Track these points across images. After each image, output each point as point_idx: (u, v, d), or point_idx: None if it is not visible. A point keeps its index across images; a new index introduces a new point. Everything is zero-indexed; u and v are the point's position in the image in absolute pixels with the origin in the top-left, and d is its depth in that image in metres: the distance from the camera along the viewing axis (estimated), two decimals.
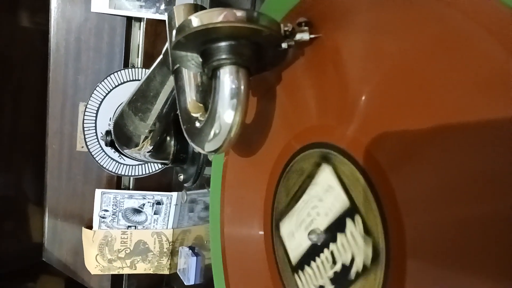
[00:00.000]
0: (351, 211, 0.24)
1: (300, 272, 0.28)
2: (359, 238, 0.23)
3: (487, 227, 0.16)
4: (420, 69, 0.20)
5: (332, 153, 0.27)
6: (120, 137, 0.53)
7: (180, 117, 0.33)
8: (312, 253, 0.27)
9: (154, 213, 0.82)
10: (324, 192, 0.27)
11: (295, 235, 0.29)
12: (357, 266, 0.23)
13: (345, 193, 0.25)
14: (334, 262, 0.25)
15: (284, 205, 0.31)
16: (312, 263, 0.27)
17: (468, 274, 0.17)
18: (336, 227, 0.25)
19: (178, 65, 0.32)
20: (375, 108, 0.23)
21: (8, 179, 0.78)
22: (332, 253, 0.25)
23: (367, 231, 0.23)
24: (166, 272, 0.85)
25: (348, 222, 0.24)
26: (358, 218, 0.23)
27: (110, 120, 0.76)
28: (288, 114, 0.32)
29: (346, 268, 0.24)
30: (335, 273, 0.25)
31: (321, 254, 0.26)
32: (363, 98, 0.24)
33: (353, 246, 0.24)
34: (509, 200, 0.16)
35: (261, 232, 0.34)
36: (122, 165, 0.77)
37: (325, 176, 0.27)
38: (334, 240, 0.25)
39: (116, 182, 0.82)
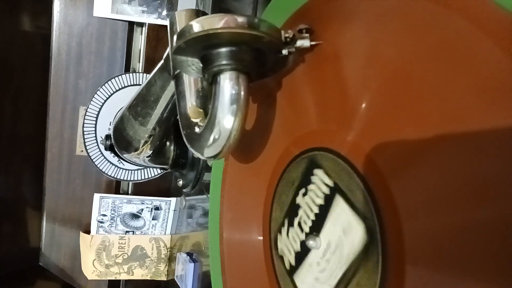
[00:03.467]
0: (334, 192, 0.25)
1: (297, 272, 0.28)
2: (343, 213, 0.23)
3: (486, 233, 0.16)
4: (421, 75, 0.20)
5: (319, 154, 0.27)
6: (119, 141, 0.53)
7: (180, 122, 0.33)
8: (310, 258, 0.27)
9: (153, 219, 0.81)
10: (315, 196, 0.27)
11: (292, 243, 0.29)
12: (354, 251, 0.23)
13: (328, 176, 0.25)
14: (328, 261, 0.25)
15: (280, 222, 0.31)
16: (314, 267, 0.27)
17: (467, 281, 0.17)
18: (325, 208, 0.26)
19: (178, 70, 0.32)
20: (375, 114, 0.23)
21: (6, 182, 0.78)
22: (326, 248, 0.25)
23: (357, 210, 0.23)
24: (164, 278, 0.85)
25: (338, 198, 0.25)
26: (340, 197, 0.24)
27: (110, 125, 0.76)
28: (287, 120, 0.32)
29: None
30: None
31: (319, 258, 0.26)
32: (363, 104, 0.24)
33: (343, 220, 0.24)
34: (508, 207, 0.16)
35: (260, 238, 0.34)
36: (121, 169, 0.77)
37: (319, 181, 0.28)
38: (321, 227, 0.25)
39: (115, 187, 0.82)
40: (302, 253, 0.27)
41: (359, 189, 0.23)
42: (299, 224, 0.28)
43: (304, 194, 0.28)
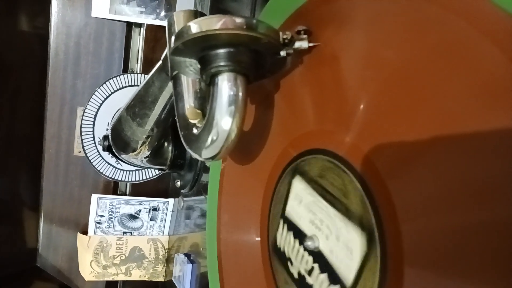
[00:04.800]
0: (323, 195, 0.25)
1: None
2: (345, 230, 0.23)
3: (485, 235, 0.16)
4: (419, 76, 0.20)
5: (303, 159, 0.28)
6: (117, 142, 0.53)
7: (177, 123, 0.33)
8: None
9: (150, 220, 0.81)
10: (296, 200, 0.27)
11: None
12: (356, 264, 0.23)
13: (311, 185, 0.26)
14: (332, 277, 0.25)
15: (275, 229, 0.31)
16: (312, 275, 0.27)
17: (466, 282, 0.17)
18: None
19: (176, 71, 0.32)
20: (374, 115, 0.23)
21: (3, 182, 0.78)
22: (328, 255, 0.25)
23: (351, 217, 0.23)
24: (161, 279, 0.85)
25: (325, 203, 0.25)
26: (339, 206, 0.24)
27: (108, 125, 0.75)
28: (285, 121, 0.32)
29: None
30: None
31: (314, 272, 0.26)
32: (362, 105, 0.24)
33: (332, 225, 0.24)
34: (507, 208, 0.16)
35: (258, 239, 0.34)
36: (119, 170, 0.77)
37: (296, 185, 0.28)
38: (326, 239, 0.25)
39: (112, 188, 0.82)
40: (307, 267, 0.27)
41: (356, 190, 0.23)
42: (295, 237, 0.28)
43: (295, 207, 0.29)
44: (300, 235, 0.28)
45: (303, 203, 0.28)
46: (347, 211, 0.24)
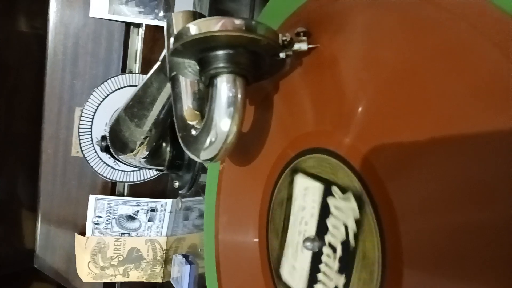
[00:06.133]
0: (327, 189, 0.25)
1: None
2: (342, 203, 0.24)
3: (483, 235, 0.16)
4: (418, 77, 0.20)
5: (298, 160, 0.28)
6: (115, 142, 0.53)
7: (176, 125, 0.33)
8: (315, 265, 0.26)
9: (148, 220, 0.81)
10: (303, 198, 0.27)
11: (296, 266, 0.28)
12: (352, 228, 0.23)
13: (316, 180, 0.26)
14: (334, 249, 0.24)
15: (278, 248, 0.31)
16: (319, 276, 0.26)
17: (465, 283, 0.17)
18: (323, 216, 0.25)
19: (175, 72, 0.32)
20: (373, 116, 0.23)
21: (1, 183, 0.77)
22: (330, 244, 0.25)
23: (344, 190, 0.23)
24: (159, 280, 0.85)
25: (330, 200, 0.25)
26: (334, 188, 0.24)
27: (106, 126, 0.75)
28: (284, 122, 0.32)
29: (345, 243, 0.24)
30: (340, 259, 0.24)
31: (322, 257, 0.26)
32: (361, 106, 0.24)
33: (341, 216, 0.24)
34: (505, 209, 0.16)
35: (256, 240, 0.34)
36: (117, 171, 0.77)
37: (299, 184, 0.28)
38: (326, 230, 0.25)
39: (110, 188, 0.82)
40: (307, 267, 0.27)
41: (356, 189, 0.23)
42: (297, 237, 0.28)
43: (295, 207, 0.28)
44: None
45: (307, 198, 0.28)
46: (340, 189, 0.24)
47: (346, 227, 0.23)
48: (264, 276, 0.33)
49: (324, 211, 0.25)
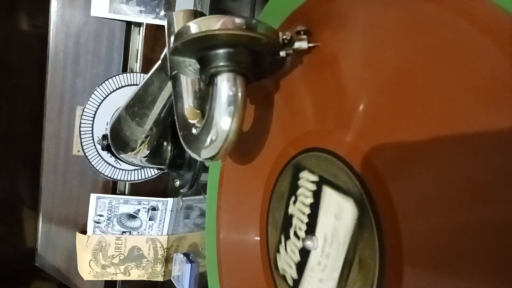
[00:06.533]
0: (328, 189, 0.25)
1: (300, 283, 0.28)
2: (342, 205, 0.24)
3: (483, 234, 0.16)
4: (419, 76, 0.20)
5: (302, 157, 0.28)
6: (116, 141, 0.53)
7: (176, 123, 0.33)
8: (312, 261, 0.27)
9: (149, 219, 0.81)
10: (304, 195, 0.28)
11: (293, 259, 0.29)
12: (351, 230, 0.23)
13: (317, 178, 0.26)
14: (331, 249, 0.25)
15: (276, 240, 0.31)
16: (315, 271, 0.26)
17: (465, 281, 0.17)
18: (322, 214, 0.26)
19: (176, 71, 0.32)
20: (373, 115, 0.23)
21: (2, 181, 0.77)
22: (327, 243, 0.25)
23: (345, 192, 0.24)
24: (160, 279, 0.85)
25: (330, 199, 0.25)
26: (336, 189, 0.24)
27: (107, 125, 0.75)
28: (285, 121, 0.32)
29: (343, 244, 0.24)
30: (337, 258, 0.24)
31: (320, 255, 0.26)
32: (361, 104, 0.24)
33: (341, 217, 0.24)
34: (506, 208, 0.16)
35: (257, 238, 0.34)
36: (118, 170, 0.77)
37: (301, 180, 0.28)
38: (325, 229, 0.25)
39: (111, 187, 0.82)
40: (303, 261, 0.27)
41: (355, 188, 0.23)
42: (295, 234, 0.28)
43: (295, 202, 0.28)
44: (300, 237, 0.28)
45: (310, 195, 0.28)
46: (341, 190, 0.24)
47: (345, 229, 0.23)
48: (265, 274, 0.33)
49: (324, 210, 0.25)
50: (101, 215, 0.79)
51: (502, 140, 0.16)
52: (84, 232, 0.80)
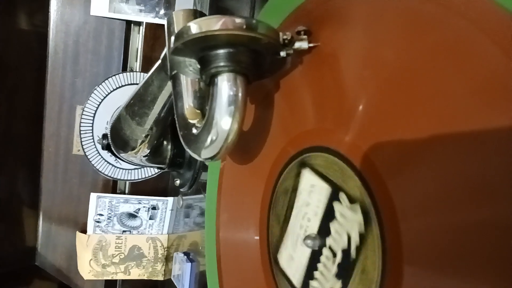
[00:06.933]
0: (334, 193, 0.25)
1: None
2: (348, 213, 0.23)
3: (483, 233, 0.16)
4: (418, 75, 0.20)
5: (307, 155, 0.27)
6: (116, 140, 0.53)
7: (177, 123, 0.33)
8: (313, 262, 0.27)
9: (150, 218, 0.81)
10: (308, 194, 0.27)
11: (294, 257, 0.29)
12: (355, 240, 0.23)
13: (324, 181, 0.25)
14: (334, 254, 0.24)
15: (278, 235, 0.31)
16: (316, 274, 0.26)
17: (465, 281, 0.17)
18: (327, 218, 0.25)
19: (176, 71, 0.32)
20: (373, 114, 0.23)
21: (2, 181, 0.77)
22: (330, 247, 0.25)
23: (352, 200, 0.23)
24: (161, 278, 0.85)
25: (336, 205, 0.24)
26: (342, 195, 0.24)
27: (107, 124, 0.75)
28: (285, 121, 0.32)
29: (346, 252, 0.24)
30: (338, 265, 0.24)
31: (321, 257, 0.26)
32: (361, 104, 0.24)
33: (345, 225, 0.24)
34: (506, 207, 0.16)
35: (257, 237, 0.34)
36: (118, 169, 0.77)
37: (306, 179, 0.28)
38: (328, 233, 0.25)
39: (111, 186, 0.82)
40: (307, 262, 0.27)
41: (357, 187, 0.23)
42: (297, 234, 0.28)
43: (298, 202, 0.28)
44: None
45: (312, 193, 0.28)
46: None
47: (349, 237, 0.23)
48: (264, 273, 0.33)
49: (329, 214, 0.25)
50: (101, 214, 0.79)
51: (502, 139, 0.16)
52: (84, 231, 0.80)
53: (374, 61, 0.23)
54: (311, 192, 0.27)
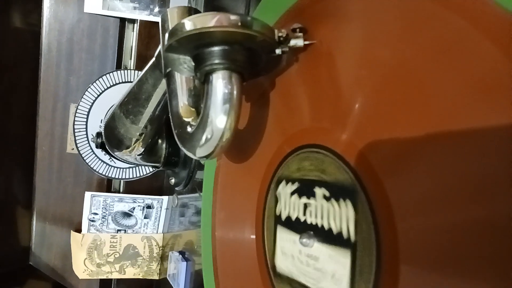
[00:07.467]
0: (312, 190, 0.26)
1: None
2: (334, 203, 0.24)
3: (480, 233, 0.16)
4: (415, 74, 0.20)
5: (282, 166, 0.28)
6: (111, 139, 0.52)
7: (171, 121, 0.32)
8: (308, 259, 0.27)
9: (144, 217, 0.81)
10: (288, 205, 0.28)
11: (291, 254, 0.29)
12: (346, 228, 0.23)
13: (299, 184, 0.26)
14: (327, 245, 0.25)
15: (272, 244, 0.31)
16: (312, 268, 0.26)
17: (461, 281, 0.17)
18: (313, 214, 0.26)
19: (170, 69, 0.32)
20: (369, 112, 0.23)
21: None
22: (322, 240, 0.25)
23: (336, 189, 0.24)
24: (156, 277, 0.84)
25: (318, 201, 0.25)
26: (323, 189, 0.25)
27: (101, 122, 0.75)
28: (281, 119, 0.32)
29: (340, 241, 0.24)
30: (332, 257, 0.24)
31: (317, 252, 0.26)
32: (357, 102, 0.23)
33: (334, 215, 0.24)
34: (503, 206, 0.16)
35: (253, 236, 0.34)
36: (112, 167, 0.77)
37: (283, 195, 0.29)
38: (317, 228, 0.25)
39: (106, 185, 0.81)
40: (301, 258, 0.27)
41: (353, 186, 0.23)
42: (293, 233, 0.28)
43: (293, 201, 0.29)
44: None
45: (291, 206, 0.28)
46: (331, 190, 0.24)
47: (340, 227, 0.23)
48: (261, 273, 0.33)
49: (319, 210, 0.25)
50: (96, 213, 0.78)
51: (499, 138, 0.16)
52: (78, 230, 0.80)
53: (370, 59, 0.23)
54: (290, 203, 0.28)
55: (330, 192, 0.24)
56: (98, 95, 0.74)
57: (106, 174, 0.77)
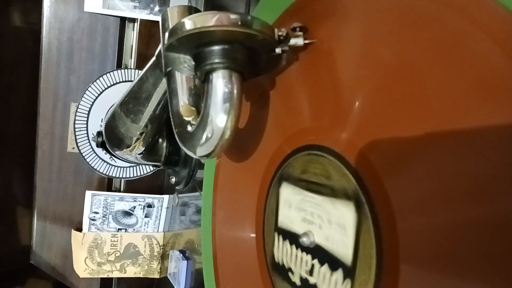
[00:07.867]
0: (315, 192, 0.26)
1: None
2: (338, 207, 0.24)
3: (480, 232, 0.16)
4: (416, 73, 0.20)
5: (285, 165, 0.28)
6: (111, 138, 0.52)
7: (172, 121, 0.32)
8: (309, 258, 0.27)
9: (145, 216, 0.81)
10: (289, 208, 0.28)
11: (287, 251, 0.29)
12: (349, 230, 0.23)
13: (302, 188, 0.26)
14: (330, 246, 0.25)
15: (271, 243, 0.31)
16: (314, 271, 0.26)
17: (462, 280, 0.17)
18: (315, 216, 0.26)
19: (170, 68, 0.32)
20: (370, 112, 0.23)
21: None
22: (324, 241, 0.25)
23: (339, 194, 0.23)
24: (157, 276, 0.85)
25: (323, 204, 0.25)
26: (328, 191, 0.25)
27: (101, 121, 0.75)
28: (281, 118, 0.32)
29: (341, 244, 0.24)
30: (334, 259, 0.24)
31: (317, 253, 0.26)
32: (358, 101, 0.23)
33: (336, 218, 0.24)
34: (503, 206, 0.16)
35: (253, 235, 0.34)
36: (113, 167, 0.77)
37: (284, 194, 0.29)
38: (320, 228, 0.25)
39: (107, 184, 0.81)
40: (301, 260, 0.27)
41: (352, 186, 0.23)
42: (292, 233, 0.28)
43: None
44: (295, 239, 0.27)
45: (293, 205, 0.28)
46: (332, 191, 0.24)
47: (342, 228, 0.23)
48: (261, 271, 0.33)
49: (321, 211, 0.25)
50: (96, 212, 0.78)
51: (500, 138, 0.16)
52: (79, 229, 0.80)
53: (371, 58, 0.23)
54: (291, 204, 0.28)
55: (332, 194, 0.24)
56: (99, 94, 0.74)
57: (107, 173, 0.77)
